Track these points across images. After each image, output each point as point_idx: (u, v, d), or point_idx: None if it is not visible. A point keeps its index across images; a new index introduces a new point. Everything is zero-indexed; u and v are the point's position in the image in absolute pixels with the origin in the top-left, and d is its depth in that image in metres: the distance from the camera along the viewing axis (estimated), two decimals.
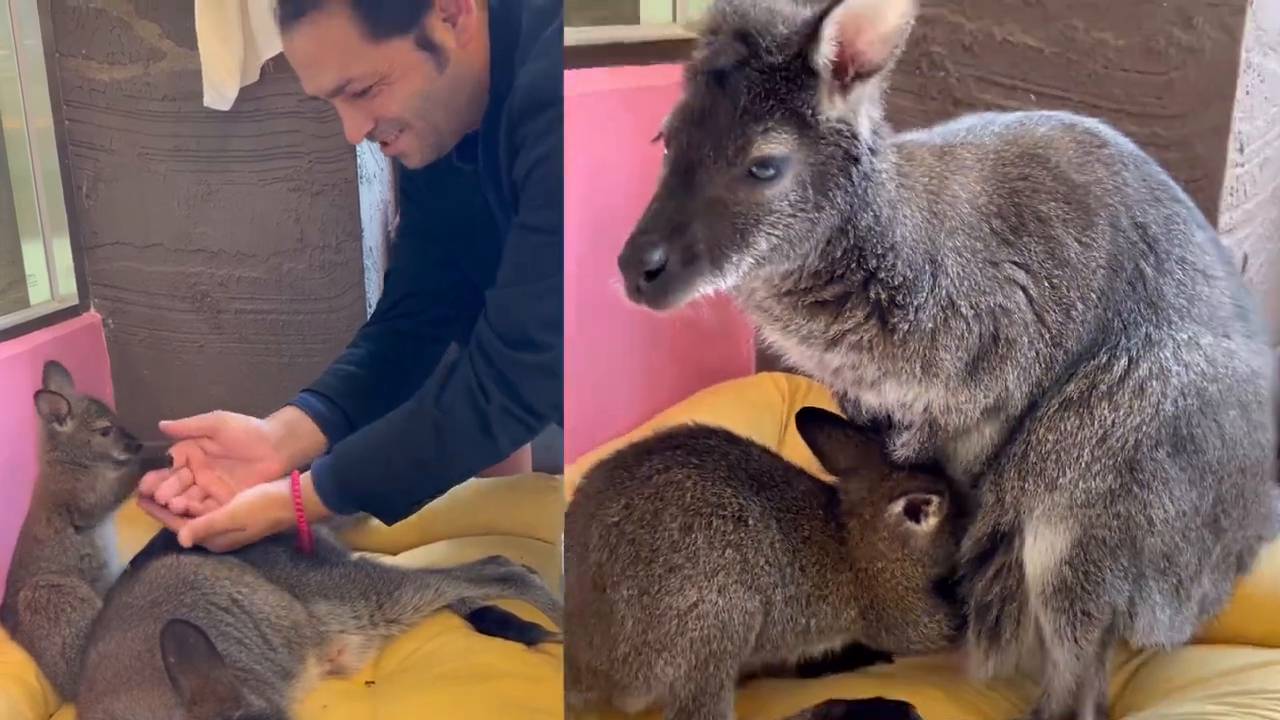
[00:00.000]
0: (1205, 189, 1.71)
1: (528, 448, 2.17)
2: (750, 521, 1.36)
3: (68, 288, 2.21)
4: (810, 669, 1.51)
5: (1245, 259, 1.86)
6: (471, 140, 1.65)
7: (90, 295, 2.25)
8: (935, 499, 1.39)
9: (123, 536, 1.76)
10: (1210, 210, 1.70)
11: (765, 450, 1.48)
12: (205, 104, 2.09)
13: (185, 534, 1.62)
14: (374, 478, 1.65)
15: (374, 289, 2.31)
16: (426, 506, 1.74)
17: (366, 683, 1.64)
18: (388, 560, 1.88)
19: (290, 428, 1.75)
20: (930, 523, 1.40)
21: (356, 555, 1.83)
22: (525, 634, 1.67)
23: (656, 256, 1.09)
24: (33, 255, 2.19)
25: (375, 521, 1.80)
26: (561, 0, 1.52)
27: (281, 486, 1.66)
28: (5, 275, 2.21)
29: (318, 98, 1.59)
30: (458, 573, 1.79)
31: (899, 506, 1.39)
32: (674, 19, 2.02)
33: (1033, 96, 1.81)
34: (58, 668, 1.61)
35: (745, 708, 1.40)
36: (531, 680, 1.54)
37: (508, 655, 1.63)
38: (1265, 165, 1.83)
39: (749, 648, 1.36)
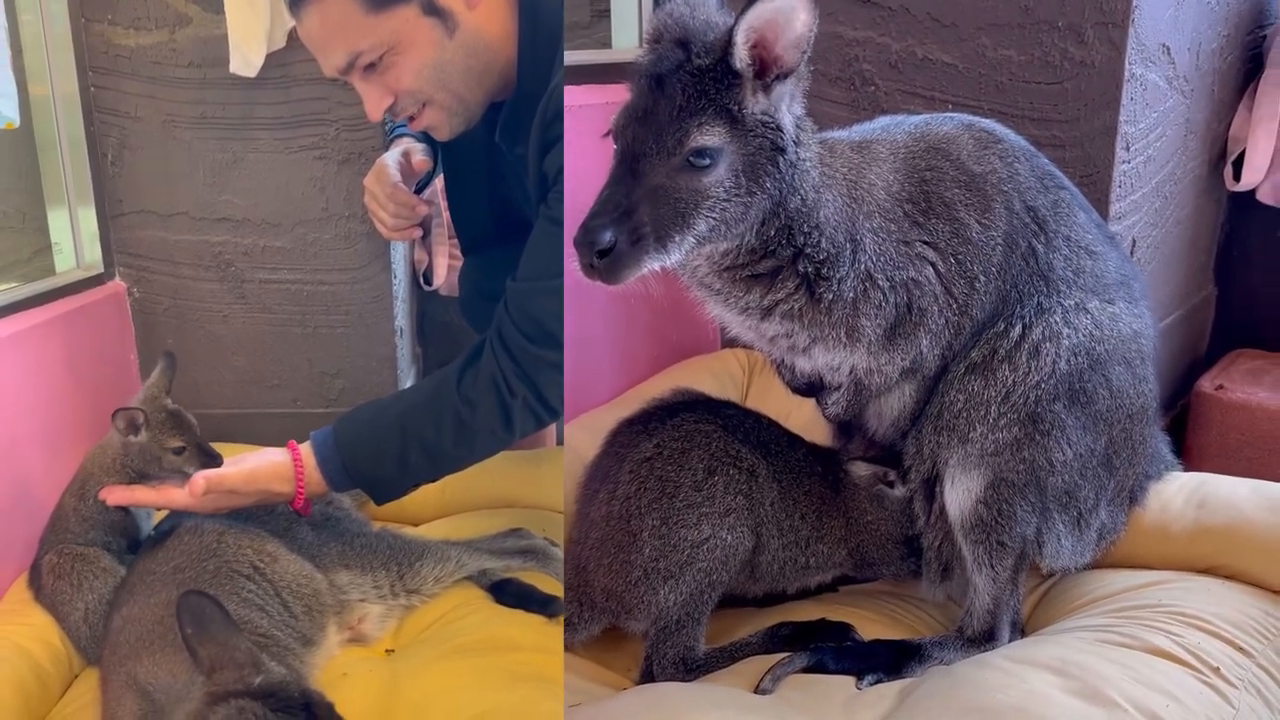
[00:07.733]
0: (1097, 183, 1.95)
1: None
2: (759, 478, 1.57)
3: (92, 256, 2.21)
4: (768, 599, 1.71)
5: (1134, 243, 2.11)
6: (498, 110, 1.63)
7: (115, 264, 2.25)
8: (892, 472, 1.60)
9: None
10: (1101, 201, 1.94)
11: (772, 421, 1.68)
12: (231, 70, 2.09)
13: (199, 481, 1.59)
14: (383, 462, 1.61)
15: (400, 260, 2.30)
16: (450, 478, 1.72)
17: (386, 651, 1.65)
18: (410, 531, 1.88)
19: None
20: (900, 490, 1.60)
21: (378, 526, 1.84)
22: (545, 607, 1.67)
23: (607, 237, 1.22)
24: (58, 223, 2.18)
25: None
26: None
27: (285, 457, 1.61)
28: (31, 243, 2.22)
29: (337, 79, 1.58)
30: (479, 545, 1.79)
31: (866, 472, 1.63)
32: (640, 44, 2.13)
33: (949, 106, 2.02)
34: (81, 632, 1.62)
35: (711, 629, 1.59)
36: (550, 653, 1.54)
37: (527, 628, 1.63)
38: (1148, 162, 2.08)
39: (733, 581, 1.58)
